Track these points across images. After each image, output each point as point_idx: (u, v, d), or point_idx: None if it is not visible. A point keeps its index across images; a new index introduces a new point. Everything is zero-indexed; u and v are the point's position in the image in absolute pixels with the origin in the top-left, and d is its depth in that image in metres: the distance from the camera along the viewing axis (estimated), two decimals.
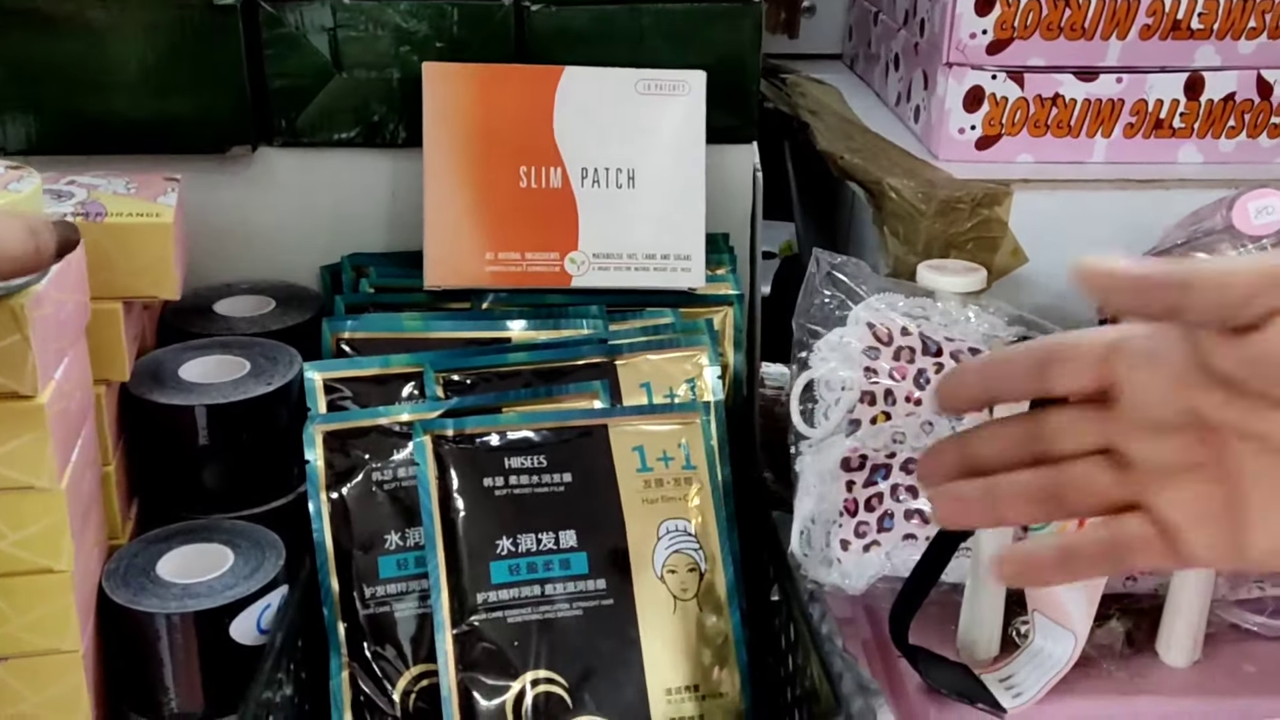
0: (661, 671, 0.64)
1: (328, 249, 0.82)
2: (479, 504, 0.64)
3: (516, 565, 0.64)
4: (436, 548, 0.63)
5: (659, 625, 0.65)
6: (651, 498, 0.67)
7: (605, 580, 0.65)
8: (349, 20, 0.78)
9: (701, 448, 0.68)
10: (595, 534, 0.65)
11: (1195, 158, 0.84)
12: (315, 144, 0.80)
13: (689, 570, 0.67)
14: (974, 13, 0.79)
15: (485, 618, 0.63)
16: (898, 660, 0.68)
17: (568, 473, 0.66)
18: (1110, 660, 0.68)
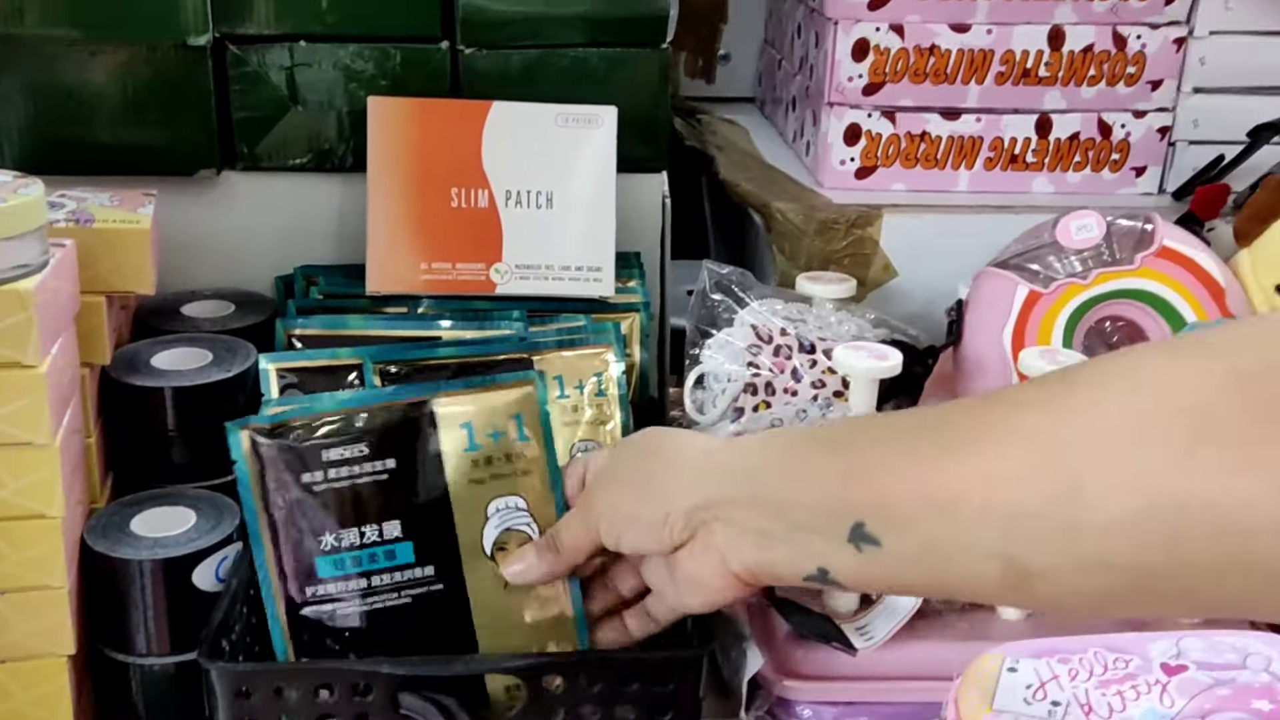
0: (491, 647, 0.65)
1: (282, 261, 0.92)
2: (299, 501, 0.64)
3: (339, 560, 0.64)
4: (264, 545, 0.64)
5: (490, 609, 0.65)
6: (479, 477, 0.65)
7: (433, 566, 0.65)
8: (304, 60, 0.89)
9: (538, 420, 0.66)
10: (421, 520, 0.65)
11: (1047, 188, 0.96)
12: (273, 168, 0.91)
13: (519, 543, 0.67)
14: (851, 59, 0.92)
15: (316, 610, 0.64)
16: (772, 615, 0.79)
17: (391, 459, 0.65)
18: (954, 613, 0.79)
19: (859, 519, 0.48)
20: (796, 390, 0.83)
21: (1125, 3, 0.91)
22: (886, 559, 0.48)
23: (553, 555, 0.63)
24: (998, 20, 0.91)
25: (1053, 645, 0.62)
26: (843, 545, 0.49)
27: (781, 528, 0.52)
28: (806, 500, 0.51)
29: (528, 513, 0.65)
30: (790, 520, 0.51)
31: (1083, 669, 0.59)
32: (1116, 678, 0.58)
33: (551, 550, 0.63)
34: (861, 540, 0.49)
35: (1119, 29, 0.92)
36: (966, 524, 0.45)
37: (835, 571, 0.51)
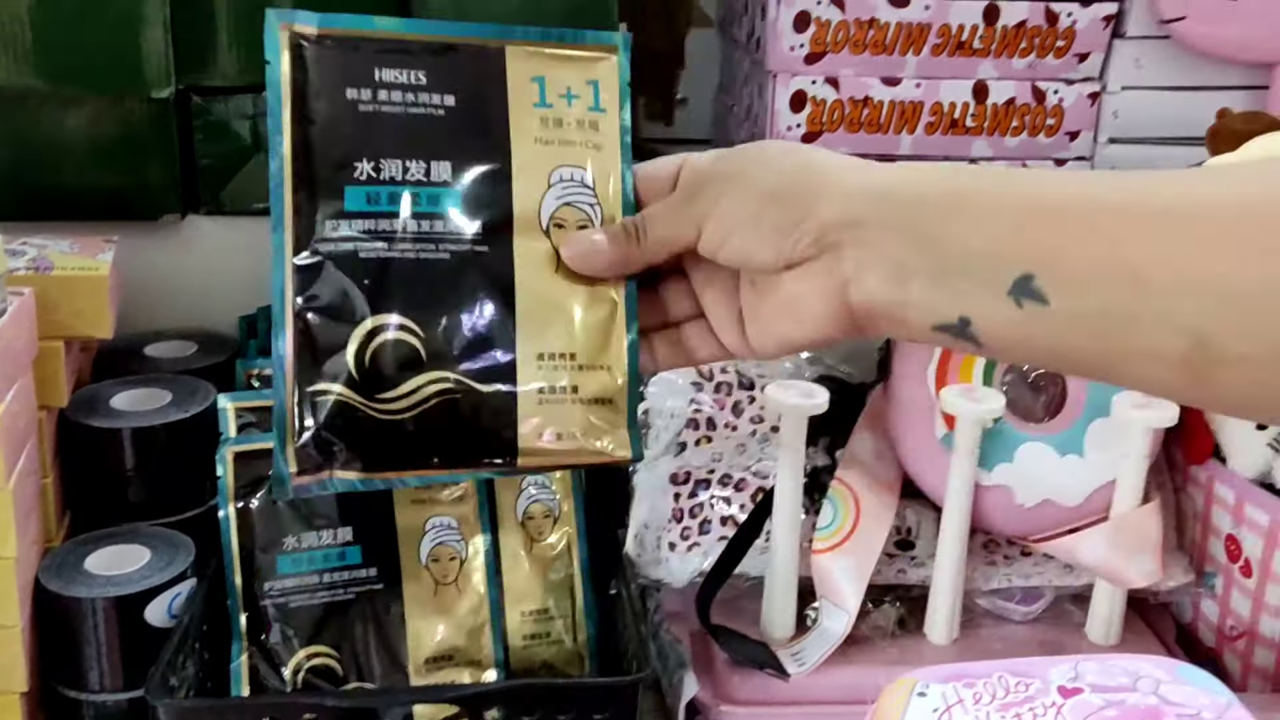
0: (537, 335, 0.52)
1: (245, 302, 0.93)
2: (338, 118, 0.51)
3: (374, 194, 0.51)
4: (284, 163, 0.50)
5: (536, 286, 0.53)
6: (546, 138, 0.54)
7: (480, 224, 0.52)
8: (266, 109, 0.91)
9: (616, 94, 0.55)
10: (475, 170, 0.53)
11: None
12: (236, 213, 0.93)
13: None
14: (789, 109, 0.94)
15: (333, 250, 0.51)
16: (710, 642, 0.80)
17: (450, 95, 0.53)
18: (884, 639, 0.81)
19: (1028, 270, 0.42)
20: (736, 425, 0.84)
21: (1042, 60, 0.93)
22: (1051, 319, 0.42)
23: (630, 244, 0.52)
24: (925, 75, 0.94)
25: (962, 670, 0.64)
26: (999, 296, 0.43)
27: (930, 265, 0.45)
28: (970, 241, 0.44)
29: (592, 192, 0.53)
30: (943, 259, 0.45)
31: (986, 692, 0.61)
32: (1017, 700, 0.60)
33: (631, 238, 0.52)
34: (1025, 295, 0.42)
35: (1038, 84, 0.94)
36: (1158, 293, 0.40)
37: (980, 323, 0.44)
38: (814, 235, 0.47)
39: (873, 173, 0.48)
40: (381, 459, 0.50)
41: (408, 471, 0.51)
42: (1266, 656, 0.79)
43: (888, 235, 0.46)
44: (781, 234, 0.48)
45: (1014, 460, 0.80)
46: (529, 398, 0.52)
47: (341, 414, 0.49)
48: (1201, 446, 0.82)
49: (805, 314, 0.49)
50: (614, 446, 0.53)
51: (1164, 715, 0.59)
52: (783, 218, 0.48)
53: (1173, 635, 0.85)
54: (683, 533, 0.82)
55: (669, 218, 0.51)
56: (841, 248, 0.47)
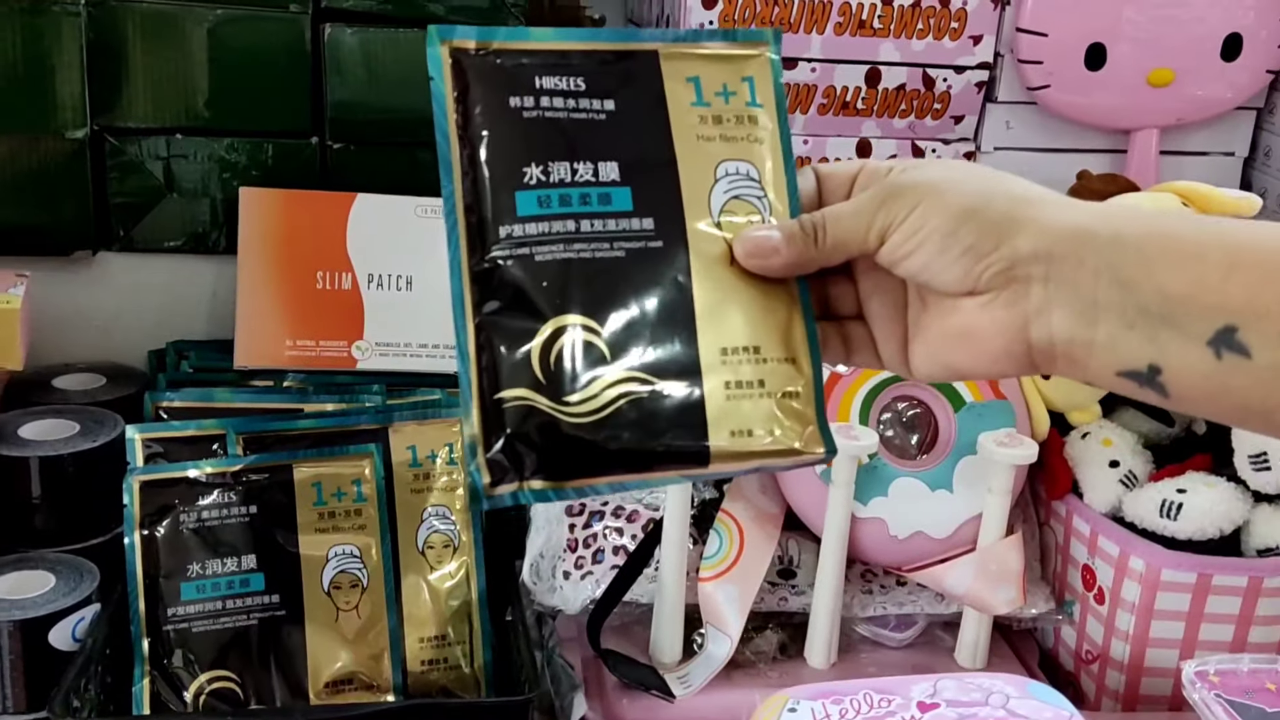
0: (717, 329, 0.51)
1: (155, 336, 0.95)
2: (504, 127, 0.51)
3: (546, 197, 0.51)
4: (454, 175, 0.50)
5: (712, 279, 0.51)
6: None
7: (653, 220, 0.52)
8: (180, 151, 0.92)
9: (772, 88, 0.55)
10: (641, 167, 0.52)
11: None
12: (148, 249, 0.94)
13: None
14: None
15: (510, 252, 0.49)
16: (602, 665, 0.83)
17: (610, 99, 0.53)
18: (766, 663, 0.84)
19: (1231, 322, 0.41)
20: None
21: (921, 121, 1.00)
22: (1253, 373, 0.41)
23: (808, 244, 0.50)
24: (812, 132, 0.99)
25: (831, 688, 0.68)
26: (1198, 346, 0.42)
27: (1126, 307, 0.43)
28: (1171, 287, 0.42)
29: (759, 184, 0.53)
30: (1141, 303, 0.43)
31: (852, 708, 0.65)
32: (879, 715, 0.64)
33: (809, 238, 0.50)
34: (1226, 346, 0.41)
35: (917, 143, 1.01)
36: None
37: (1171, 373, 0.43)
38: (1006, 264, 0.45)
39: (1075, 210, 0.46)
40: (572, 466, 0.48)
41: (599, 478, 0.49)
42: (1116, 679, 0.84)
43: (1084, 274, 0.44)
44: (973, 258, 0.46)
45: (888, 494, 0.84)
46: (716, 395, 0.50)
47: (530, 419, 0.47)
48: (1061, 483, 0.88)
49: (980, 345, 0.47)
50: (807, 443, 0.51)
51: None
52: (977, 241, 0.46)
53: (1036, 660, 0.90)
54: (577, 561, 0.86)
55: (853, 221, 0.49)
56: (1031, 282, 0.45)
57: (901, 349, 0.50)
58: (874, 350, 0.51)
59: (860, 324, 0.52)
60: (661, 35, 0.54)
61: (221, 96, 0.92)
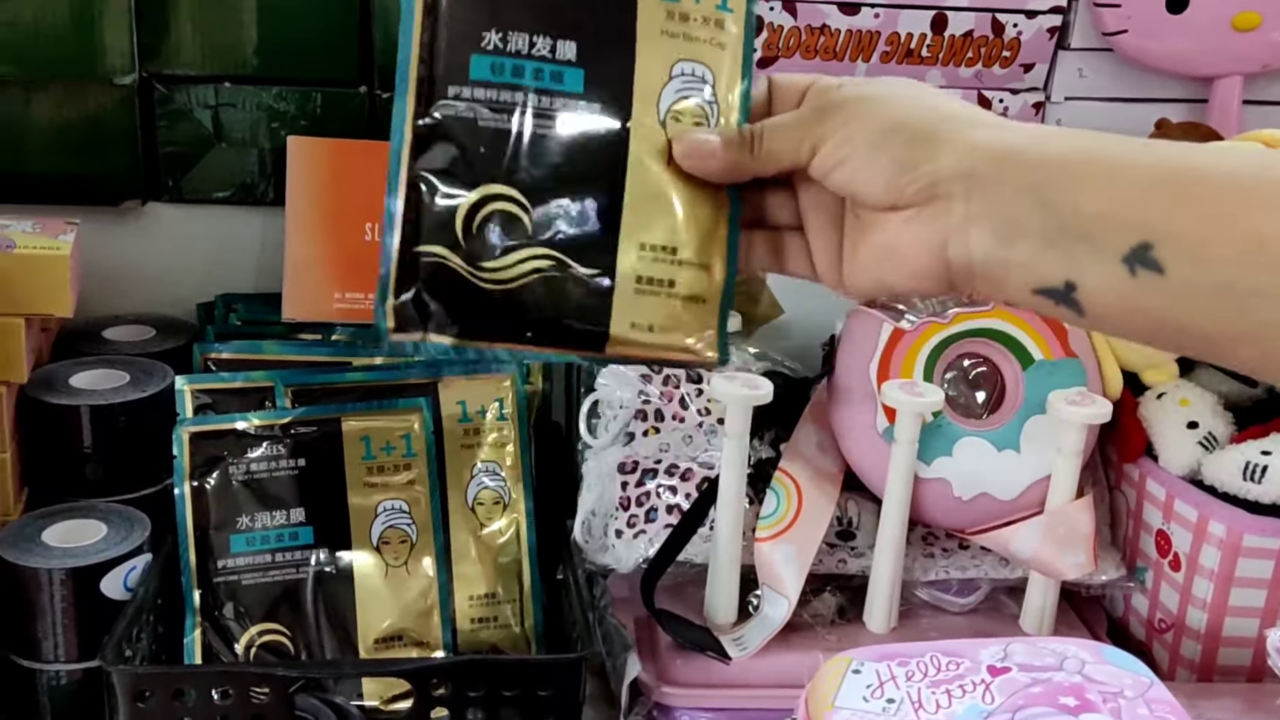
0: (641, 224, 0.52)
1: (204, 289, 0.95)
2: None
3: (499, 65, 0.52)
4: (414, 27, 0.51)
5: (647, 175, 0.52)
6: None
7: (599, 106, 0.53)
8: (229, 100, 0.93)
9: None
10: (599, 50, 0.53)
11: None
12: (196, 200, 0.94)
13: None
14: None
15: (453, 113, 0.51)
16: (655, 625, 0.83)
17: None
18: (824, 626, 0.83)
19: (1146, 239, 0.42)
20: (684, 417, 0.87)
21: (988, 70, 0.97)
22: (1166, 290, 0.42)
23: (743, 152, 0.51)
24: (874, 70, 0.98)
25: (896, 650, 0.67)
26: (1112, 262, 0.43)
27: (1044, 226, 0.44)
28: (1088, 204, 0.43)
29: (712, 89, 0.54)
30: (1059, 220, 0.44)
31: (919, 670, 0.64)
32: (947, 678, 0.63)
33: (745, 146, 0.51)
34: (1140, 263, 0.42)
35: (984, 93, 0.98)
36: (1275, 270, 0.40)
37: (1086, 289, 0.44)
38: (928, 180, 0.46)
39: (1004, 130, 0.47)
40: (476, 328, 0.50)
41: (499, 343, 0.51)
42: (1193, 648, 0.82)
43: (1006, 193, 0.45)
44: (895, 172, 0.47)
45: (952, 454, 0.83)
46: (625, 286, 0.52)
47: (443, 276, 0.50)
48: (1134, 444, 0.86)
49: (904, 261, 0.48)
50: (703, 346, 0.53)
51: (1087, 692, 0.62)
52: (901, 156, 0.47)
53: (1104, 628, 0.88)
54: (629, 520, 0.85)
55: (788, 133, 0.50)
56: (953, 199, 0.46)
57: (836, 262, 0.52)
58: (809, 261, 0.53)
59: (799, 235, 0.53)
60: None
61: (270, 44, 0.92)
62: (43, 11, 0.87)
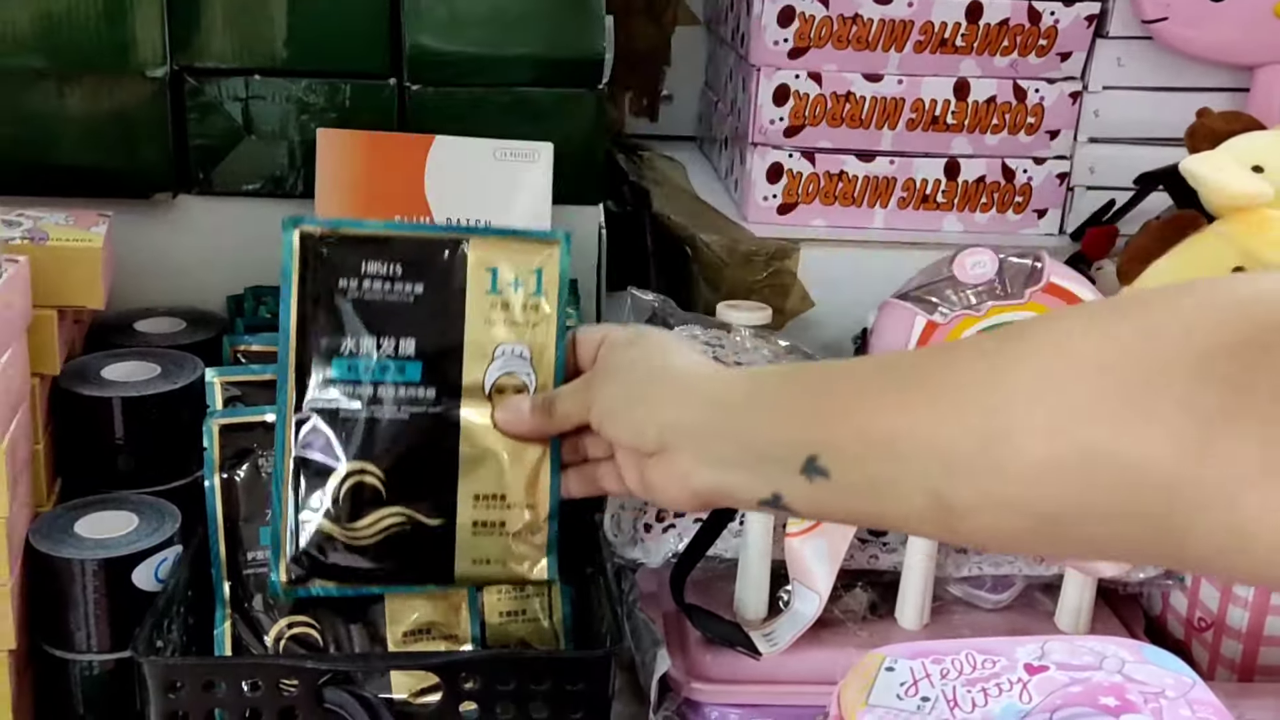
0: (473, 480, 0.68)
1: (233, 281, 0.95)
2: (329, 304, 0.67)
3: (354, 365, 0.67)
4: (290, 339, 0.67)
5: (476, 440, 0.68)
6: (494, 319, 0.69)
7: (435, 390, 0.68)
8: (259, 92, 0.93)
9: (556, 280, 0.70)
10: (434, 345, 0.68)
11: (956, 227, 1.01)
12: (226, 193, 0.95)
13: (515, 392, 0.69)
14: (772, 103, 0.97)
15: (322, 408, 0.67)
16: (685, 621, 0.83)
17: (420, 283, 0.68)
18: (855, 622, 0.83)
19: (813, 453, 0.52)
20: None
21: (1024, 59, 0.96)
22: (834, 489, 0.52)
23: (544, 417, 0.67)
24: (907, 71, 0.97)
25: (930, 648, 0.66)
26: (796, 475, 0.53)
27: (743, 456, 0.56)
28: (769, 434, 0.55)
29: (529, 363, 0.69)
30: (753, 450, 0.55)
31: (953, 668, 0.63)
32: (983, 676, 0.63)
33: (545, 412, 0.67)
34: (813, 472, 0.52)
35: (1019, 83, 0.97)
36: (904, 460, 0.49)
37: (788, 498, 0.55)
38: (655, 433, 0.59)
39: (711, 382, 0.60)
40: (350, 575, 0.67)
41: (371, 585, 0.69)
42: (1233, 647, 0.81)
43: (710, 436, 0.58)
44: (636, 430, 0.61)
45: None
46: (465, 532, 0.68)
47: (320, 538, 0.66)
48: None
49: (666, 496, 0.61)
50: (536, 572, 0.70)
51: (1128, 692, 0.61)
52: (636, 416, 0.61)
53: (1142, 626, 0.87)
54: (659, 514, 0.85)
55: (570, 398, 0.66)
56: (679, 446, 0.59)
57: (640, 483, 0.63)
58: (623, 484, 0.65)
59: (612, 462, 0.66)
60: (472, 230, 0.70)
61: (300, 37, 0.92)
62: (75, 5, 0.87)
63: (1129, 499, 0.42)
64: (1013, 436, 0.45)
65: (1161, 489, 0.41)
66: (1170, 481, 0.41)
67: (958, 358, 0.49)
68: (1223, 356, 0.40)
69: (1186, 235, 0.84)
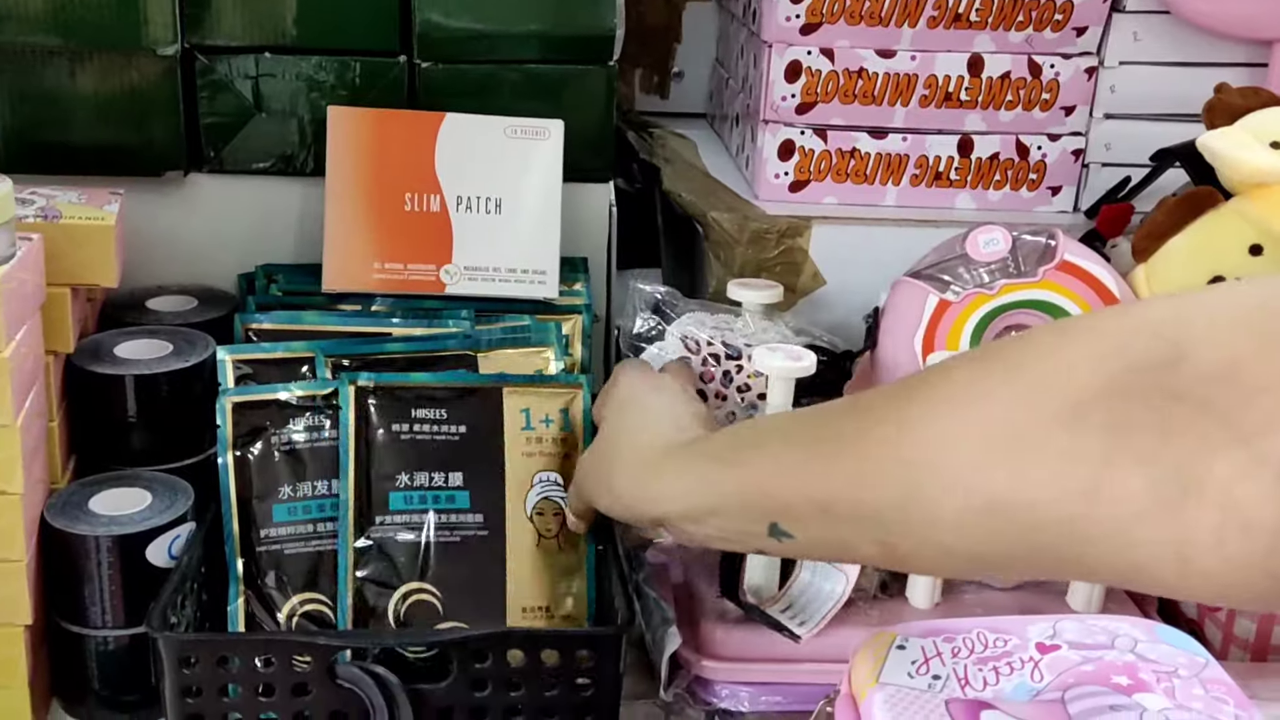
0: (520, 593, 0.78)
1: (245, 259, 0.96)
2: (387, 444, 0.79)
3: (411, 496, 0.78)
4: (349, 477, 0.78)
5: (521, 558, 0.79)
6: (530, 451, 0.81)
7: (483, 516, 0.79)
8: (269, 70, 0.93)
9: (580, 415, 0.82)
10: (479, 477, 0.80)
11: (970, 204, 1.01)
12: (237, 171, 0.95)
13: (554, 514, 0.80)
14: (784, 79, 0.97)
15: (382, 535, 0.77)
16: (696, 598, 0.83)
17: (463, 425, 0.80)
18: (866, 601, 0.83)
19: (773, 520, 0.59)
20: (725, 395, 0.87)
21: (1039, 34, 0.96)
22: (802, 546, 0.60)
23: (575, 519, 0.79)
24: (920, 48, 0.96)
25: (941, 626, 0.66)
26: (768, 538, 0.60)
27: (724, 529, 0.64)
28: (734, 509, 0.63)
29: (562, 488, 0.81)
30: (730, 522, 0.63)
31: (965, 647, 0.64)
32: (994, 655, 0.63)
33: (575, 516, 0.79)
34: (780, 535, 0.59)
35: (1034, 58, 0.97)
36: (845, 521, 0.55)
37: (770, 551, 0.62)
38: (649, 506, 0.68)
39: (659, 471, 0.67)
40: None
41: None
42: (1247, 627, 0.82)
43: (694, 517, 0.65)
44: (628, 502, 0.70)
45: None
46: None
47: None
48: None
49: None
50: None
51: (1140, 672, 0.61)
52: (607, 503, 0.72)
53: (1154, 606, 0.87)
54: None
55: (571, 502, 0.78)
56: (672, 525, 0.67)
57: None
58: None
59: None
60: (505, 379, 0.81)
61: (309, 14, 0.92)
62: None
63: (1036, 540, 0.48)
64: (927, 492, 0.50)
65: (1062, 530, 0.46)
66: (1067, 522, 0.46)
67: (869, 423, 0.55)
68: (1098, 404, 0.45)
69: (1203, 212, 0.83)
